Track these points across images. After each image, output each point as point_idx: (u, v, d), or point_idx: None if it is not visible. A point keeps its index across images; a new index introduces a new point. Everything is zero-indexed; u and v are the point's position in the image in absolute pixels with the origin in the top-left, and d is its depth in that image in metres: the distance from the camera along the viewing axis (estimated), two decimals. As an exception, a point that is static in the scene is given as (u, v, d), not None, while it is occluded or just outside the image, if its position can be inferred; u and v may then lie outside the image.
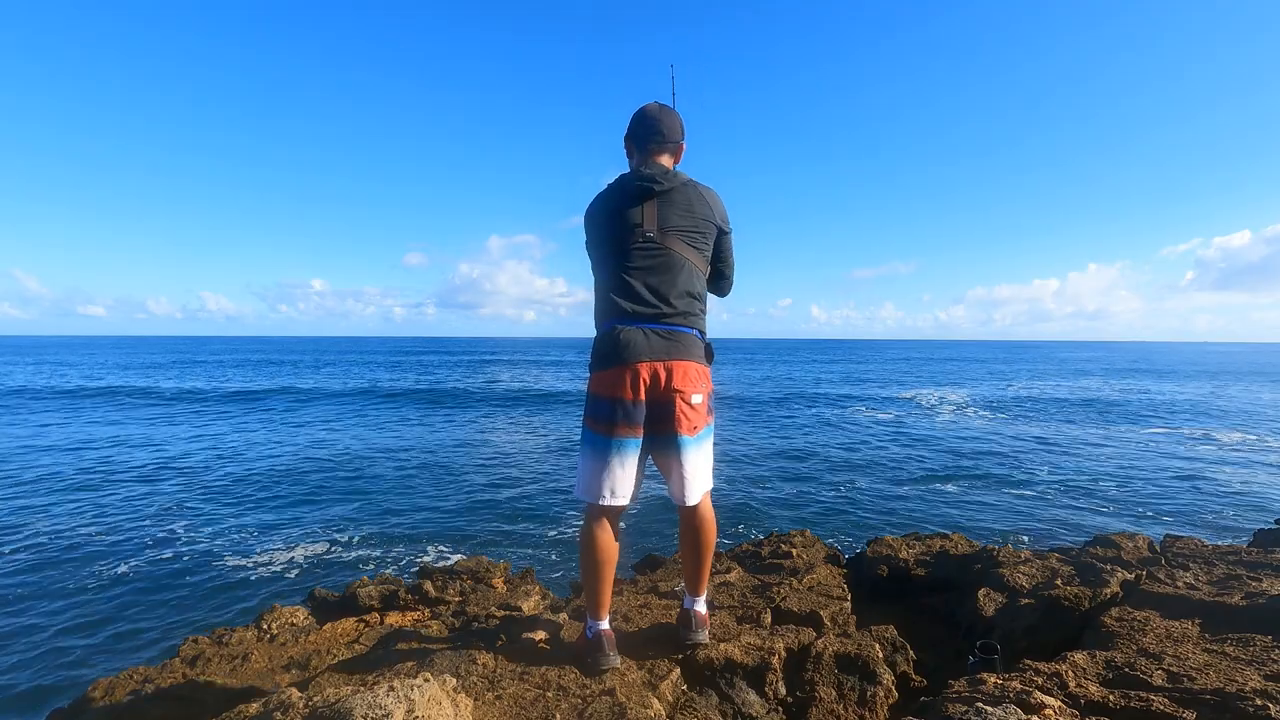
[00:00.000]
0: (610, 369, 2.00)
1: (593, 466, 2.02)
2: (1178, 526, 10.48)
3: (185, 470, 14.31)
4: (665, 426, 2.01)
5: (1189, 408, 28.81)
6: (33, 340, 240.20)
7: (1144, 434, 20.76)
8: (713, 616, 2.46)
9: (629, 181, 2.05)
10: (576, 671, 2.05)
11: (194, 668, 2.69)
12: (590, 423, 2.06)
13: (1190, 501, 12.28)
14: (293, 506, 11.45)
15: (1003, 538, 9.77)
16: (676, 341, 2.02)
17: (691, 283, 2.07)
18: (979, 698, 1.78)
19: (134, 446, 16.90)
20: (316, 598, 3.80)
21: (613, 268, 2.05)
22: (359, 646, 2.78)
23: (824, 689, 2.15)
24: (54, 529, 9.74)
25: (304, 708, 1.60)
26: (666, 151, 2.13)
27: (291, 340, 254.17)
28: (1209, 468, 15.33)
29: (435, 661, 2.16)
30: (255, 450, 16.77)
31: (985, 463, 15.90)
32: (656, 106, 2.15)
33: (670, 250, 2.02)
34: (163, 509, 11.04)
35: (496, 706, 1.89)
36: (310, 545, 9.36)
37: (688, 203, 2.05)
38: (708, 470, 2.12)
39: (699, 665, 2.16)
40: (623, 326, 2.00)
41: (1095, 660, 2.14)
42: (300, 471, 14.31)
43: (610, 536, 2.08)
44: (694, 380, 2.03)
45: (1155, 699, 1.78)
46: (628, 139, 2.16)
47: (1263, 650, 2.12)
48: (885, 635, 2.54)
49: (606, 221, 2.06)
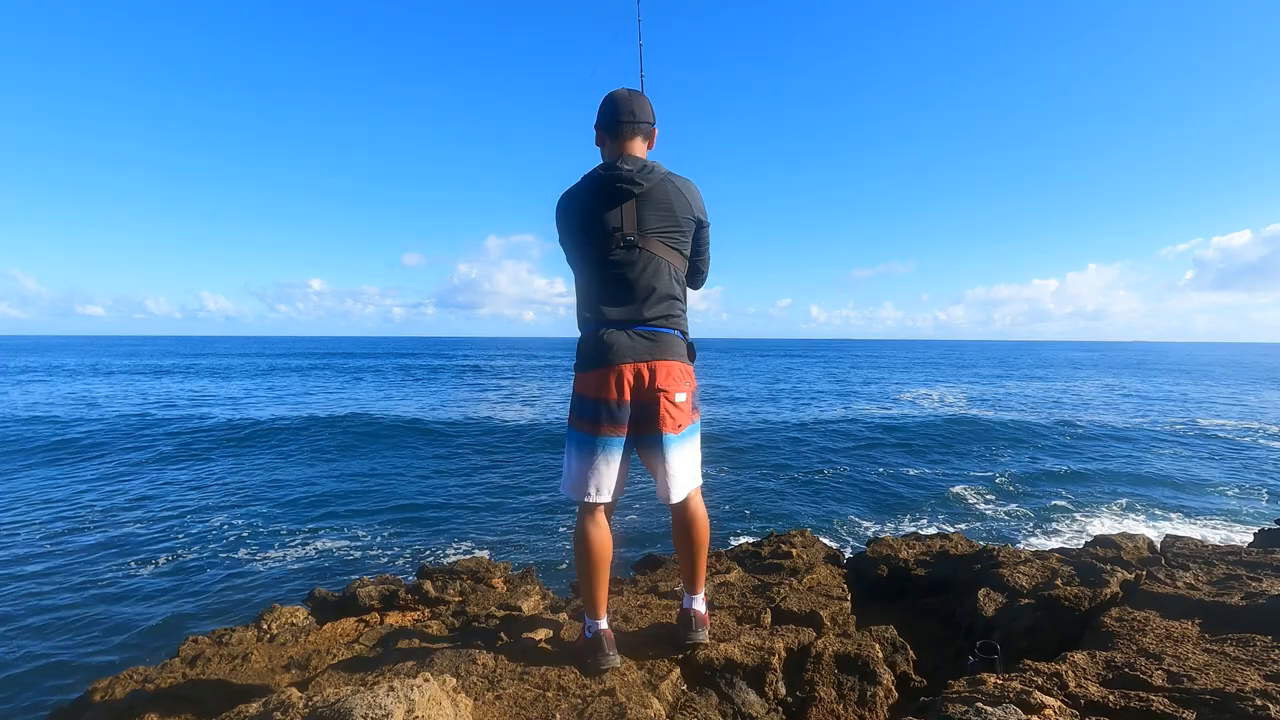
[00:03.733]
0: (595, 370, 2.02)
1: (578, 465, 2.04)
2: (1178, 526, 10.49)
3: (184, 470, 14.31)
4: (650, 426, 2.03)
5: (1189, 407, 28.81)
6: (32, 340, 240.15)
7: (1144, 433, 20.75)
8: (713, 616, 2.46)
9: (606, 182, 2.01)
10: (576, 671, 2.06)
11: (194, 667, 2.69)
12: (576, 422, 2.08)
13: (1190, 501, 12.28)
14: (292, 507, 11.45)
15: (1003, 538, 9.78)
16: (659, 342, 2.04)
17: (671, 284, 2.08)
18: (979, 698, 1.78)
19: (134, 446, 16.90)
20: (316, 598, 3.79)
21: (593, 270, 2.05)
22: (359, 646, 2.78)
23: (824, 689, 2.15)
24: (53, 529, 9.74)
25: (304, 708, 1.60)
26: (639, 135, 2.10)
27: (291, 340, 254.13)
28: (1209, 467, 15.33)
29: (435, 661, 2.16)
30: (255, 450, 16.77)
31: (985, 462, 15.90)
32: (625, 91, 2.12)
33: (649, 252, 2.02)
34: (162, 509, 11.03)
35: (496, 706, 1.89)
36: (310, 545, 9.36)
37: (666, 201, 2.04)
38: (694, 468, 2.13)
39: (699, 665, 2.16)
40: (606, 329, 2.02)
41: (1095, 660, 2.14)
42: (300, 471, 14.31)
43: (602, 533, 2.09)
44: (677, 379, 2.05)
45: (1155, 699, 1.78)
46: (598, 127, 2.13)
47: (1263, 650, 2.12)
48: (885, 635, 2.54)
49: (583, 224, 2.04)
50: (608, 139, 2.11)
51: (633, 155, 2.07)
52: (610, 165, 2.03)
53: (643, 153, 2.12)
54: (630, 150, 2.08)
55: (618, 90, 2.12)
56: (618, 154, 2.07)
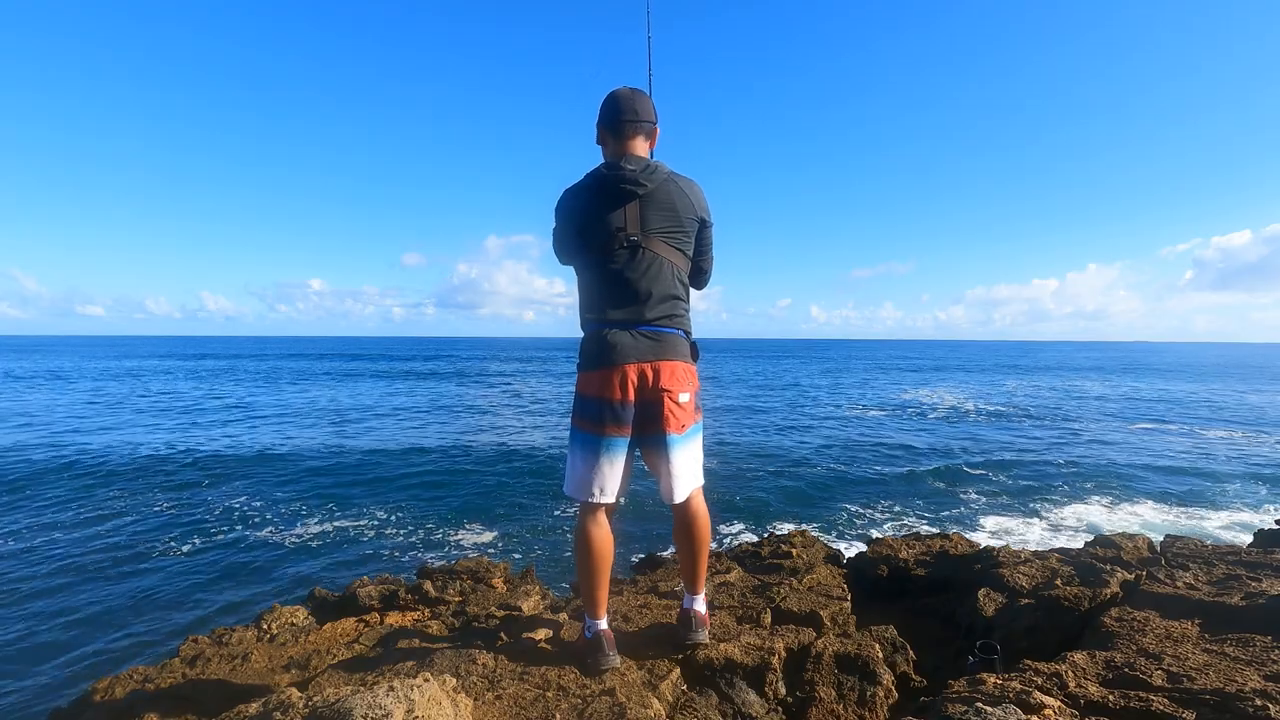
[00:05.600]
0: (598, 370, 2.01)
1: (582, 465, 2.04)
2: (1178, 527, 10.49)
3: (183, 471, 14.31)
4: (654, 426, 2.03)
5: (1190, 407, 28.81)
6: (32, 340, 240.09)
7: (1144, 433, 20.76)
8: (713, 616, 2.46)
9: (610, 181, 2.00)
10: (576, 671, 2.05)
11: (194, 667, 2.69)
12: (579, 422, 2.07)
13: (1190, 501, 12.28)
14: (292, 507, 11.45)
15: (1003, 538, 9.78)
16: (663, 342, 2.04)
17: (674, 284, 2.08)
18: (979, 698, 1.78)
19: (132, 447, 16.89)
20: (316, 597, 3.79)
21: (596, 271, 2.05)
22: (359, 646, 2.78)
23: (824, 689, 2.15)
24: (53, 529, 9.74)
25: (304, 708, 1.60)
26: (641, 133, 2.09)
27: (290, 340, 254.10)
28: (1209, 468, 15.33)
29: (435, 661, 2.16)
30: (253, 451, 16.76)
31: (985, 462, 15.90)
32: (628, 90, 2.11)
33: (653, 252, 2.02)
34: (161, 510, 11.04)
35: (496, 706, 1.89)
36: (310, 545, 9.36)
37: (670, 201, 2.04)
38: (696, 467, 2.13)
39: (699, 665, 2.16)
40: (609, 329, 2.02)
41: (1095, 660, 2.14)
42: (299, 472, 14.31)
43: (604, 533, 2.08)
44: (681, 379, 2.05)
45: (1155, 699, 1.78)
46: (600, 126, 2.11)
47: (1263, 650, 2.12)
48: (885, 635, 2.54)
49: (587, 223, 2.03)
50: (610, 138, 2.10)
51: (635, 155, 2.06)
52: (614, 165, 2.01)
53: (645, 152, 2.12)
54: (632, 149, 2.07)
55: (620, 89, 2.10)
56: (620, 153, 2.06)
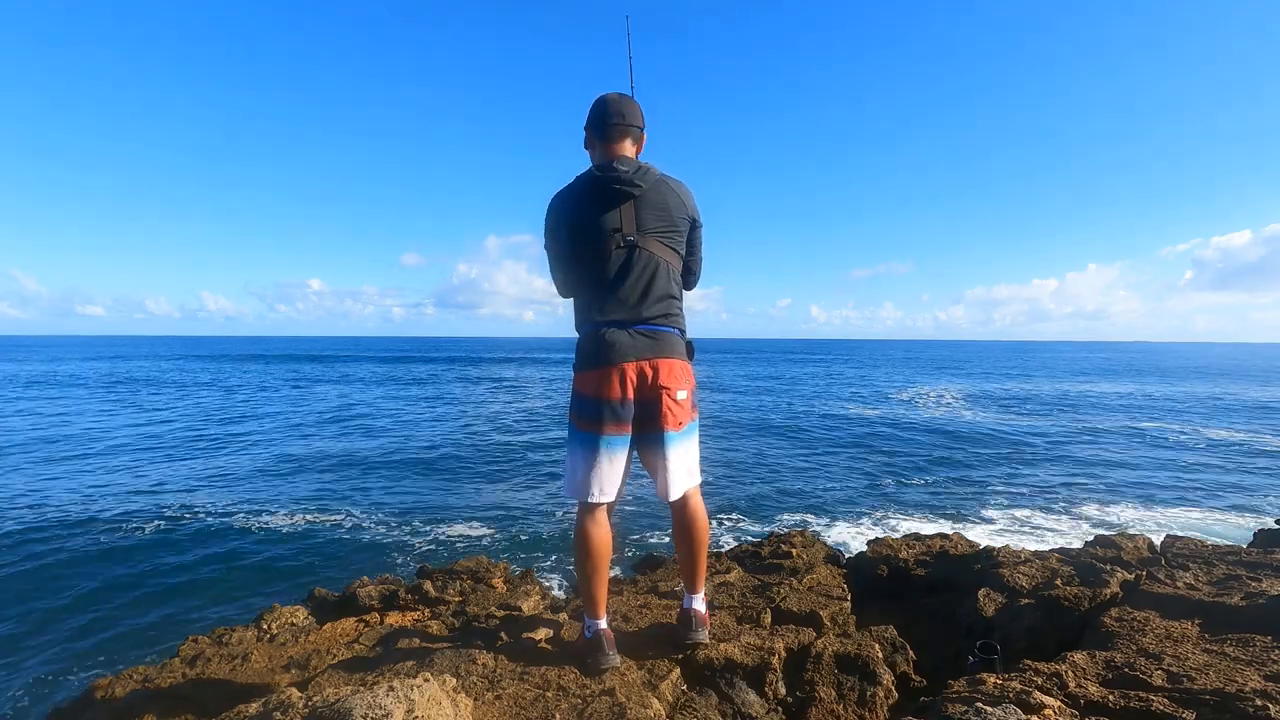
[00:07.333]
0: (596, 369, 2.02)
1: (581, 465, 2.04)
2: (1178, 527, 10.49)
3: (182, 471, 14.31)
4: (652, 423, 2.04)
5: (1189, 407, 28.81)
6: (32, 340, 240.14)
7: (1144, 433, 20.76)
8: (713, 616, 2.46)
9: (604, 183, 2.01)
10: (576, 671, 2.05)
11: (194, 667, 2.69)
12: (578, 421, 2.08)
13: (1190, 501, 12.28)
14: (292, 507, 11.45)
15: (1002, 537, 9.77)
16: (660, 340, 2.05)
17: (670, 283, 2.10)
18: (979, 698, 1.78)
19: (131, 446, 16.90)
20: (316, 597, 3.79)
21: (592, 271, 2.05)
22: (359, 646, 2.78)
23: (824, 689, 2.15)
24: (52, 530, 9.74)
25: (304, 707, 1.60)
26: (629, 137, 2.10)
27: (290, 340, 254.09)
28: (1209, 467, 15.34)
29: (435, 661, 2.16)
30: (253, 451, 16.77)
31: (986, 462, 15.90)
32: (616, 95, 2.13)
33: (649, 252, 2.03)
34: (161, 510, 11.03)
35: (496, 706, 1.89)
36: (310, 545, 9.36)
37: (663, 201, 2.06)
38: (693, 465, 2.14)
39: (699, 665, 2.16)
40: (606, 328, 2.02)
41: (1095, 660, 2.14)
42: (299, 472, 14.31)
43: (603, 532, 2.09)
44: (679, 377, 2.07)
45: (1155, 699, 1.78)
46: (588, 129, 2.13)
47: (1263, 650, 2.12)
48: (885, 635, 2.54)
49: (582, 225, 2.04)
50: (597, 141, 2.11)
51: (625, 157, 2.08)
52: (607, 167, 2.03)
53: (632, 155, 2.13)
54: (620, 152, 2.08)
55: (608, 93, 2.13)
56: (607, 156, 2.08)
